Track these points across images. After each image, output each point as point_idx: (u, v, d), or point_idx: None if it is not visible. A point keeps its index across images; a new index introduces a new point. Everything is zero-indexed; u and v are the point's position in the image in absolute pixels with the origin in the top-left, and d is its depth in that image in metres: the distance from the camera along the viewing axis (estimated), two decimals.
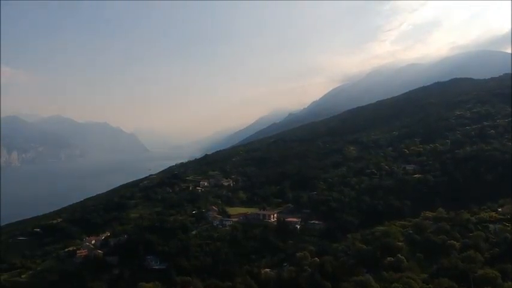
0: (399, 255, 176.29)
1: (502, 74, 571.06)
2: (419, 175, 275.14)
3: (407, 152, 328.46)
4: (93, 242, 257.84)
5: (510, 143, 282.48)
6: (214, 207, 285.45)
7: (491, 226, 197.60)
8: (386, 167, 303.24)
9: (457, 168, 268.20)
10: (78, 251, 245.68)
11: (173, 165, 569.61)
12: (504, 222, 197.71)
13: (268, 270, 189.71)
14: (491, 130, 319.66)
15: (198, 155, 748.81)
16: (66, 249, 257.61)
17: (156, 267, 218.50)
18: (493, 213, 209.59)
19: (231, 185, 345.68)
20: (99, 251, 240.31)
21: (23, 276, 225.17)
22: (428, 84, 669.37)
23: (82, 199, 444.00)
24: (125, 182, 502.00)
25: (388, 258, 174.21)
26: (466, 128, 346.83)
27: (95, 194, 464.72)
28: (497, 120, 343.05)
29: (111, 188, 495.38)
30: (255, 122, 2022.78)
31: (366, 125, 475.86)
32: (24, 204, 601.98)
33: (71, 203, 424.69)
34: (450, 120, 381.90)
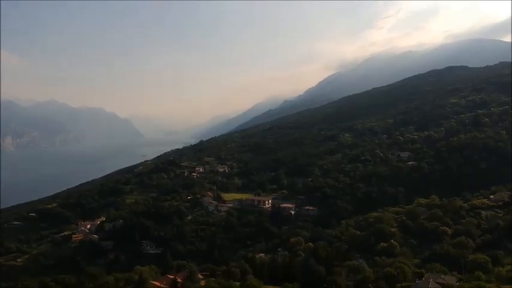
0: (392, 241, 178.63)
1: (497, 63, 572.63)
2: (414, 162, 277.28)
3: (402, 139, 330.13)
4: (88, 226, 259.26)
5: (504, 131, 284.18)
6: (209, 193, 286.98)
7: (483, 213, 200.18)
8: (380, 154, 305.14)
9: (451, 156, 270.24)
10: (73, 236, 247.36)
11: (168, 151, 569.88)
12: (496, 209, 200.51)
13: (262, 255, 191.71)
14: (485, 118, 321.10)
15: (193, 141, 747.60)
16: (62, 234, 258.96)
17: (152, 251, 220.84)
18: (485, 200, 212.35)
19: (226, 171, 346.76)
20: (95, 236, 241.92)
21: (18, 260, 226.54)
22: (424, 72, 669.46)
23: (77, 184, 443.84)
24: (119, 168, 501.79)
25: (381, 244, 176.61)
26: (461, 116, 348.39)
27: (90, 179, 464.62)
28: (492, 109, 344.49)
29: (106, 173, 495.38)
30: (251, 109, 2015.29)
31: (361, 112, 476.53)
32: (19, 189, 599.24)
33: (66, 188, 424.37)
34: (445, 108, 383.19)
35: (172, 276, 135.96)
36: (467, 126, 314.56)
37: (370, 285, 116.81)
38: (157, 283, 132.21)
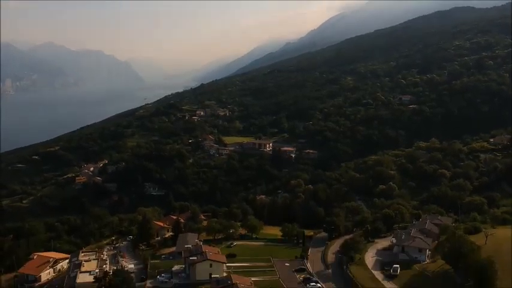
0: (391, 183, 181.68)
1: (505, 3, 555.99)
2: (415, 106, 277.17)
3: (404, 82, 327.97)
4: (91, 169, 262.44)
5: (507, 74, 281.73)
6: (210, 136, 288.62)
7: (482, 156, 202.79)
8: (382, 97, 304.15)
9: (453, 99, 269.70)
10: (77, 178, 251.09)
11: (169, 95, 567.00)
12: (495, 152, 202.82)
13: (263, 196, 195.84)
14: (489, 61, 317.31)
15: (194, 84, 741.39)
16: (65, 176, 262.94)
17: (155, 193, 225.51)
18: (485, 144, 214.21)
19: (227, 114, 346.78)
20: (98, 178, 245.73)
21: (24, 201, 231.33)
22: (429, 13, 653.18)
23: (78, 127, 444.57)
24: (120, 111, 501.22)
25: (380, 186, 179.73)
26: (465, 58, 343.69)
27: (90, 123, 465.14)
28: (497, 51, 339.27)
29: (107, 116, 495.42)
30: (251, 52, 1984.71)
31: (364, 55, 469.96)
32: (20, 132, 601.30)
33: (68, 131, 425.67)
34: (448, 50, 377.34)
35: (175, 217, 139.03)
36: (471, 69, 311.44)
37: (368, 225, 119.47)
38: (160, 223, 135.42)
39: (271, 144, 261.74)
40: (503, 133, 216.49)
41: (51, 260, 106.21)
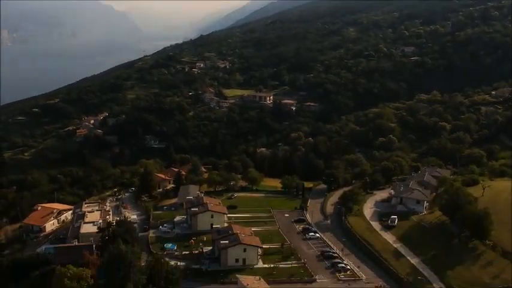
0: (391, 136, 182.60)
1: None
2: (417, 58, 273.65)
3: (407, 33, 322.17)
4: (91, 121, 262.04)
5: None
6: (210, 89, 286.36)
7: (483, 108, 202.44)
8: (384, 49, 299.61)
9: (456, 51, 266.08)
10: (77, 131, 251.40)
11: (168, 47, 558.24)
12: (496, 105, 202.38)
13: (263, 149, 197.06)
14: (495, 11, 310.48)
15: (193, 35, 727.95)
16: (66, 129, 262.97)
17: (156, 146, 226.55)
18: (486, 96, 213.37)
19: (227, 66, 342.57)
20: (99, 131, 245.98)
21: (26, 154, 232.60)
22: None
23: (77, 79, 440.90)
24: (119, 63, 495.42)
25: (380, 139, 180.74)
26: (470, 9, 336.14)
27: (89, 75, 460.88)
28: (503, 1, 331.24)
29: (106, 69, 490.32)
30: (251, 2, 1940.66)
31: (367, 4, 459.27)
32: (19, 84, 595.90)
33: (67, 84, 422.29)
34: (454, 1, 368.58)
35: (176, 169, 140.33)
36: (476, 20, 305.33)
37: (367, 177, 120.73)
38: (162, 175, 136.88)
39: (271, 97, 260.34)
40: (505, 86, 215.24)
41: (55, 211, 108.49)
